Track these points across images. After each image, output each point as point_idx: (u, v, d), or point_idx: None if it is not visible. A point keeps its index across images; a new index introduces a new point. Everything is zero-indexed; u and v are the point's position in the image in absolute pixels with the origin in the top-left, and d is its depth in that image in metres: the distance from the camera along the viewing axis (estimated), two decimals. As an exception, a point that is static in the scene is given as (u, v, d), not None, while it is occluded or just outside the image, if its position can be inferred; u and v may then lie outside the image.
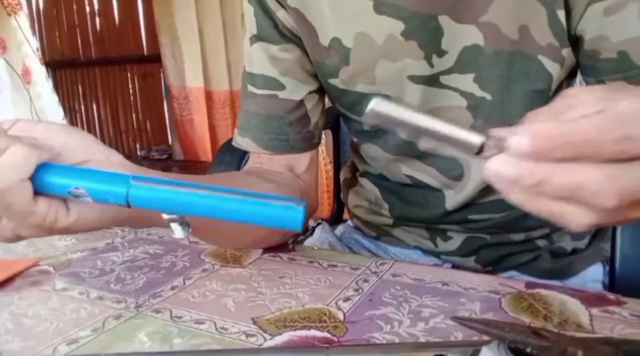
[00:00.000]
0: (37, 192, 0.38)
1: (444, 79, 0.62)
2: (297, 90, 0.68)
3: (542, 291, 0.53)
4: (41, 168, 0.38)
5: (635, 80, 0.56)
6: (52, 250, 0.71)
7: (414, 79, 0.63)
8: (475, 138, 0.30)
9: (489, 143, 0.30)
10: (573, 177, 0.28)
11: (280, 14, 0.66)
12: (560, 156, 0.28)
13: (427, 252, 0.76)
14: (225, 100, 3.31)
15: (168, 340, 0.47)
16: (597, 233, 0.75)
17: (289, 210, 0.36)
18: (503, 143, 0.29)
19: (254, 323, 0.49)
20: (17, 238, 0.41)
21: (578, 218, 0.29)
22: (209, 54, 3.23)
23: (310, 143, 0.71)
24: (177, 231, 0.40)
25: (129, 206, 0.38)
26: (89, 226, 0.42)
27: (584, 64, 0.60)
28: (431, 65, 0.61)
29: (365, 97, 0.66)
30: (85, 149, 0.42)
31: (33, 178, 0.38)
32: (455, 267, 0.74)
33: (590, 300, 0.51)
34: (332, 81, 0.67)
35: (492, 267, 0.73)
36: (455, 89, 0.62)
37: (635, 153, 0.27)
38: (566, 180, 0.28)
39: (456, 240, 0.72)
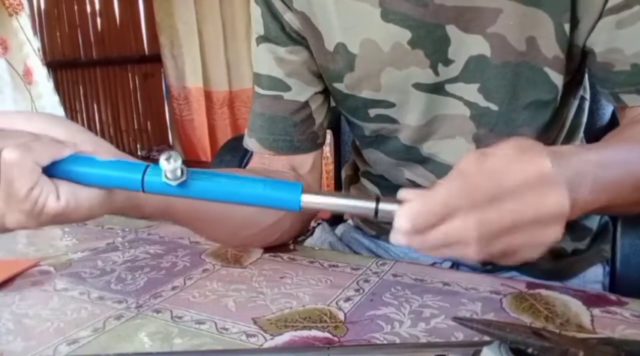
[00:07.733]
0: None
1: (449, 88, 0.62)
2: (302, 91, 0.68)
3: (543, 292, 0.53)
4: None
5: None
6: (52, 250, 0.71)
7: (419, 86, 0.63)
8: (369, 204, 0.38)
9: (382, 208, 0.38)
10: (439, 232, 0.37)
11: (287, 16, 0.65)
12: (434, 221, 0.37)
13: (426, 250, 0.76)
14: (224, 101, 3.30)
15: (169, 340, 0.47)
16: (598, 234, 0.75)
17: (287, 190, 0.38)
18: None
19: (255, 323, 0.49)
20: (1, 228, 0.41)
21: (465, 254, 0.38)
22: (208, 54, 3.22)
23: (314, 144, 0.71)
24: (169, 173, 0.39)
25: (144, 191, 0.40)
26: (78, 215, 0.42)
27: (598, 76, 0.60)
28: (437, 74, 0.61)
29: (369, 103, 0.66)
30: (71, 138, 0.41)
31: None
32: (454, 265, 0.74)
33: (591, 300, 0.51)
34: (337, 85, 0.67)
35: (491, 265, 0.73)
36: (459, 98, 0.63)
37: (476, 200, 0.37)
38: (437, 237, 0.37)
39: None
